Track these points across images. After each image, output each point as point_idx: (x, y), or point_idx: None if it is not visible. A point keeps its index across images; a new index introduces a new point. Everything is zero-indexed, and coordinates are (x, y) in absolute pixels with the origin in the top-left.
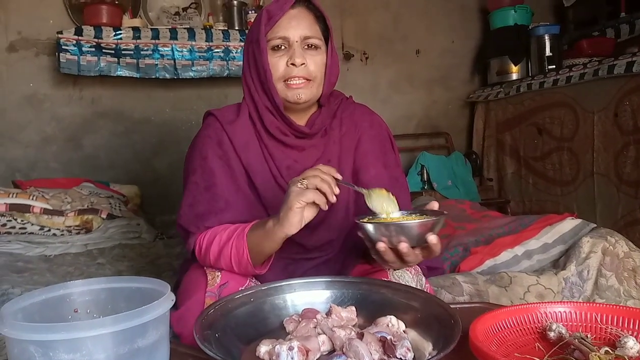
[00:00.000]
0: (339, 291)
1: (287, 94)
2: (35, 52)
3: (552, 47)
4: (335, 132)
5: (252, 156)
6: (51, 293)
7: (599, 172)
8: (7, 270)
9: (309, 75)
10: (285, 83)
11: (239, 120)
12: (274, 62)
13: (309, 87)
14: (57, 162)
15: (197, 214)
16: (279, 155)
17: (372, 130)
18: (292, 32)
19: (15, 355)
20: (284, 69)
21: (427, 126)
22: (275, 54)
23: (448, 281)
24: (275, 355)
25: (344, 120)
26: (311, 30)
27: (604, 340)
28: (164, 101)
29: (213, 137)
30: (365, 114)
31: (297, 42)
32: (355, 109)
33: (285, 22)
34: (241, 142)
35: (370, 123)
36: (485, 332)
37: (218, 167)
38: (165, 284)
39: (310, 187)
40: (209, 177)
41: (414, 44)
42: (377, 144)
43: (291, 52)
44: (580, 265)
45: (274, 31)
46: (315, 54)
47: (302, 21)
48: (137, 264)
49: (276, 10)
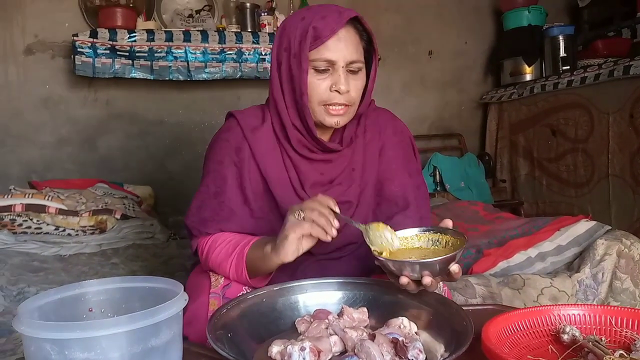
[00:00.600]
0: (350, 292)
1: (325, 119)
2: (51, 55)
3: (567, 47)
4: (360, 139)
5: (272, 166)
6: (66, 292)
7: (614, 174)
8: (23, 269)
9: (349, 101)
10: (325, 107)
11: (262, 128)
12: (316, 85)
13: (348, 113)
14: (72, 163)
15: (201, 219)
16: (305, 169)
17: (395, 137)
18: (340, 56)
19: (31, 353)
20: (327, 94)
21: (440, 127)
22: (318, 75)
23: (461, 283)
24: (287, 356)
25: (368, 127)
26: (357, 53)
27: (618, 344)
28: (177, 103)
29: (232, 142)
30: (389, 120)
31: (343, 67)
32: (378, 115)
33: (333, 44)
34: (262, 151)
35: (393, 130)
36: (498, 334)
37: (231, 175)
38: (179, 283)
39: (307, 219)
40: (221, 183)
41: (427, 46)
42: (400, 151)
43: (335, 78)
44: (594, 268)
45: (319, 52)
46: (357, 78)
47: (349, 44)
48: (151, 264)
49: (325, 29)
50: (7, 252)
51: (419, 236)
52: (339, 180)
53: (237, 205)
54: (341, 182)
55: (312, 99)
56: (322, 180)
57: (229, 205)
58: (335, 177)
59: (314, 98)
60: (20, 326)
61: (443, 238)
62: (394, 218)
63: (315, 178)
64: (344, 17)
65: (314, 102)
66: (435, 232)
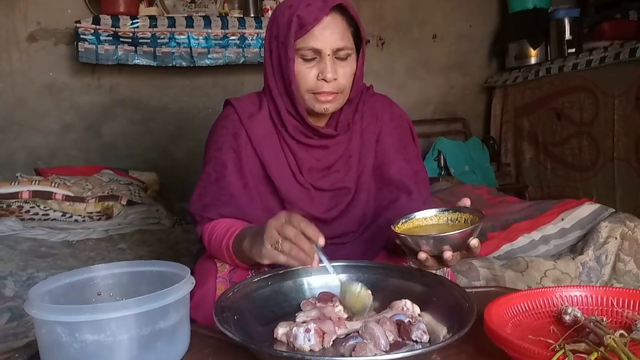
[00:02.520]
0: (354, 275)
1: (315, 105)
2: (54, 42)
3: (572, 30)
4: (357, 126)
5: (270, 151)
6: (76, 276)
7: (619, 157)
8: (32, 255)
9: (338, 89)
10: (314, 95)
11: (259, 114)
12: (304, 73)
13: (337, 100)
14: (76, 150)
15: (203, 205)
16: (302, 155)
17: (392, 123)
18: (325, 44)
19: (43, 335)
20: (314, 82)
21: (444, 112)
22: (305, 64)
23: (464, 266)
24: (292, 337)
25: (365, 113)
26: (344, 40)
27: (619, 324)
28: (180, 89)
29: (230, 128)
30: (386, 106)
31: (329, 55)
32: (375, 101)
33: (318, 32)
34: (259, 136)
35: (390, 115)
36: (500, 315)
37: (230, 160)
38: (186, 267)
39: (285, 252)
40: (221, 169)
41: (431, 29)
42: (398, 137)
43: (322, 66)
44: (598, 250)
45: (305, 40)
46: (345, 65)
47: (335, 31)
48: (157, 249)
49: (309, 17)
50: (15, 238)
51: (439, 216)
52: (336, 167)
53: (237, 189)
54: (338, 169)
55: (301, 87)
56: (319, 166)
57: (229, 190)
58: (332, 163)
59: (302, 86)
60: (32, 309)
61: (462, 216)
62: (398, 201)
63: (312, 164)
64: (328, 5)
65: (303, 90)
66: (454, 211)
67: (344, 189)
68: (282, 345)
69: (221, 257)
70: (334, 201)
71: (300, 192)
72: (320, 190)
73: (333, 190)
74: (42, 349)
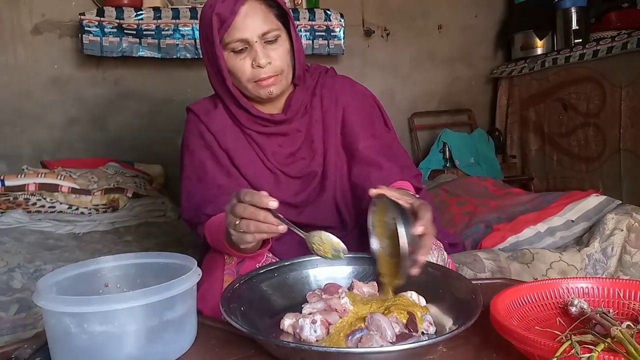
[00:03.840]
0: (360, 267)
1: (260, 92)
2: (58, 34)
3: (579, 20)
4: (317, 110)
5: (234, 141)
6: (83, 268)
7: (626, 148)
8: (39, 247)
9: (275, 71)
10: (256, 83)
11: (215, 111)
12: (239, 66)
13: (279, 81)
14: (82, 142)
15: (194, 206)
16: (262, 142)
17: (355, 102)
18: (250, 32)
19: (52, 325)
20: (251, 71)
21: (449, 103)
22: (238, 56)
23: (470, 258)
24: (298, 328)
25: (324, 96)
26: (267, 23)
27: (626, 316)
28: (185, 81)
29: (194, 130)
30: (346, 86)
31: (257, 41)
32: (334, 83)
33: (240, 22)
34: (220, 130)
35: (352, 95)
36: (507, 307)
37: (206, 157)
38: (192, 259)
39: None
40: (199, 168)
41: (436, 20)
42: (362, 115)
43: (253, 54)
44: (604, 242)
45: (229, 34)
46: (277, 46)
47: (256, 17)
48: (163, 242)
49: (226, 12)
50: (22, 231)
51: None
52: (301, 154)
53: (223, 179)
54: (304, 156)
55: (241, 79)
56: (282, 152)
57: (214, 183)
58: (296, 150)
59: (242, 78)
60: (41, 301)
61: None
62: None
63: (274, 149)
64: None
65: (244, 81)
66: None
67: (311, 173)
68: (289, 336)
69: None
70: (302, 186)
71: (269, 177)
72: (289, 177)
73: (301, 177)
74: (51, 339)
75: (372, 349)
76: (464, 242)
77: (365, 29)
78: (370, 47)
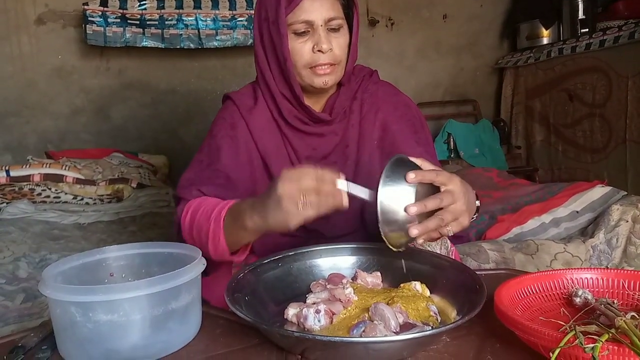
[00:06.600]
0: (364, 257)
1: (314, 80)
2: (62, 25)
3: (586, 9)
4: (355, 115)
5: (270, 143)
6: (88, 258)
7: (632, 139)
8: (45, 237)
9: (334, 60)
10: (312, 70)
11: (257, 106)
12: (298, 48)
13: (335, 72)
14: (86, 133)
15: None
16: (298, 143)
17: (397, 112)
18: (317, 15)
19: (57, 315)
20: (310, 55)
21: (454, 93)
22: (299, 39)
23: (474, 249)
24: (302, 318)
25: (365, 102)
26: (334, 9)
27: (630, 307)
28: (189, 71)
29: (228, 119)
30: (389, 95)
31: (322, 25)
32: (378, 89)
33: (308, 3)
34: (259, 128)
35: (394, 105)
36: (511, 297)
37: (225, 145)
38: (197, 249)
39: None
40: (214, 153)
41: (441, 9)
42: (404, 124)
43: (316, 38)
44: (609, 233)
45: (295, 14)
46: (339, 35)
47: (325, 2)
48: (167, 232)
49: None
50: (28, 221)
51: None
52: (333, 157)
53: (233, 171)
54: (335, 160)
55: (298, 63)
56: (315, 155)
57: (224, 172)
58: (328, 153)
59: (299, 62)
60: (47, 290)
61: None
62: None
63: (309, 153)
64: None
65: (300, 66)
66: None
67: None
68: (293, 325)
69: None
70: None
71: None
72: None
73: None
74: (57, 328)
75: (376, 338)
76: (469, 233)
77: (370, 18)
78: (374, 37)
